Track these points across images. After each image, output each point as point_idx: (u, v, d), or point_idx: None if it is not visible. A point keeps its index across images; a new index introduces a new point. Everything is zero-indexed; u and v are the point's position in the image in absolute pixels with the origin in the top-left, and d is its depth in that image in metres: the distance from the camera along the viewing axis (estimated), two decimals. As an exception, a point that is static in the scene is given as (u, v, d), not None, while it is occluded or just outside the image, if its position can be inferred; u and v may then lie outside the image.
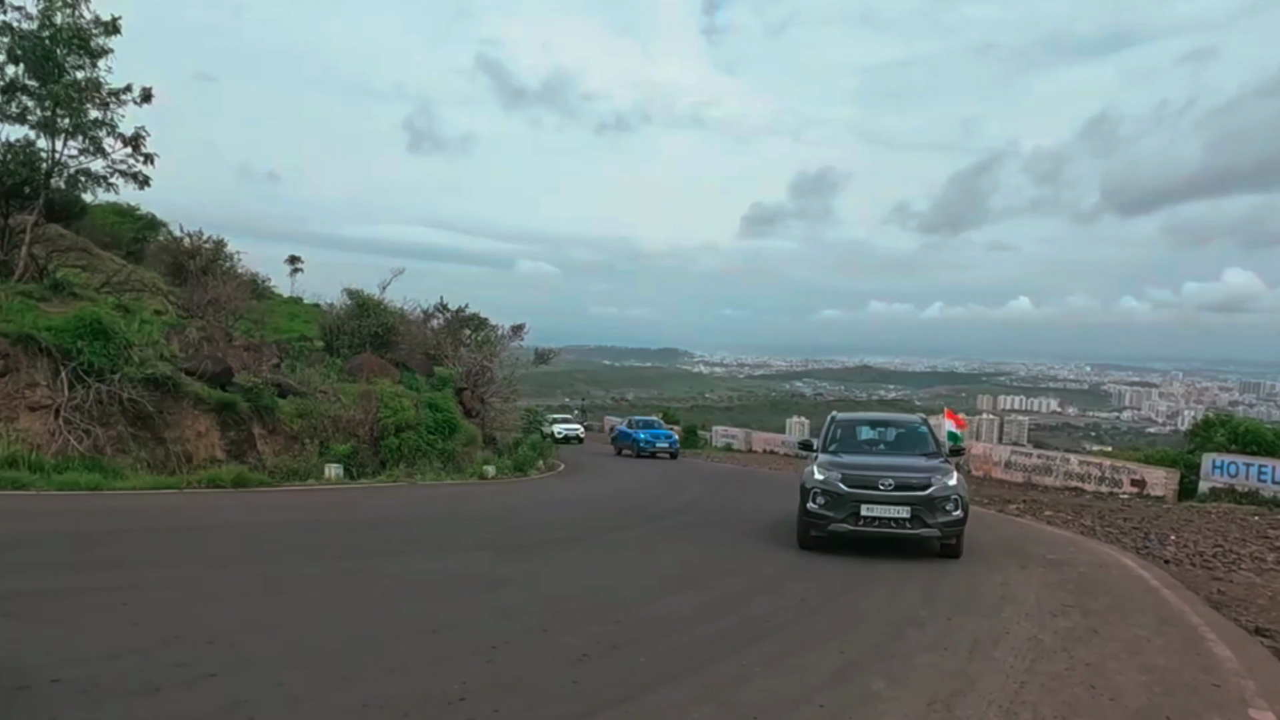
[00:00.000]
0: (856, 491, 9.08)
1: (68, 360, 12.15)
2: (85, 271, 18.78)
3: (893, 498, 8.98)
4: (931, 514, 8.90)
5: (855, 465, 9.46)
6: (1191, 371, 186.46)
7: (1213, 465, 19.64)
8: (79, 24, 14.92)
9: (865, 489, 9.07)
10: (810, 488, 9.33)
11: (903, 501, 8.94)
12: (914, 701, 4.63)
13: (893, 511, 8.93)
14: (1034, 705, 4.66)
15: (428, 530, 10.38)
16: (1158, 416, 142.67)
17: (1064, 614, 7.02)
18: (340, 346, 20.94)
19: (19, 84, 14.93)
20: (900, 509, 8.92)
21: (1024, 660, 5.54)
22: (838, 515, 9.07)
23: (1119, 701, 4.82)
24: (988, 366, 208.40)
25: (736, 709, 4.36)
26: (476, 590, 6.91)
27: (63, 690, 4.03)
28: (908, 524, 8.91)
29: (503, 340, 28.54)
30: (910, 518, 8.90)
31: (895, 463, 9.63)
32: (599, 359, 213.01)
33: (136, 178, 16.38)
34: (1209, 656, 5.91)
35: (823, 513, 9.16)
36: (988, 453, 26.31)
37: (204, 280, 20.29)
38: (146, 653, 4.65)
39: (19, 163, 15.32)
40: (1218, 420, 22.87)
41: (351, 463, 15.41)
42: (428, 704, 4.16)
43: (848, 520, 9.03)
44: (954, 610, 6.90)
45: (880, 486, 9.05)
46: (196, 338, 15.61)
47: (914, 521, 8.90)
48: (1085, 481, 22.09)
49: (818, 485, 9.26)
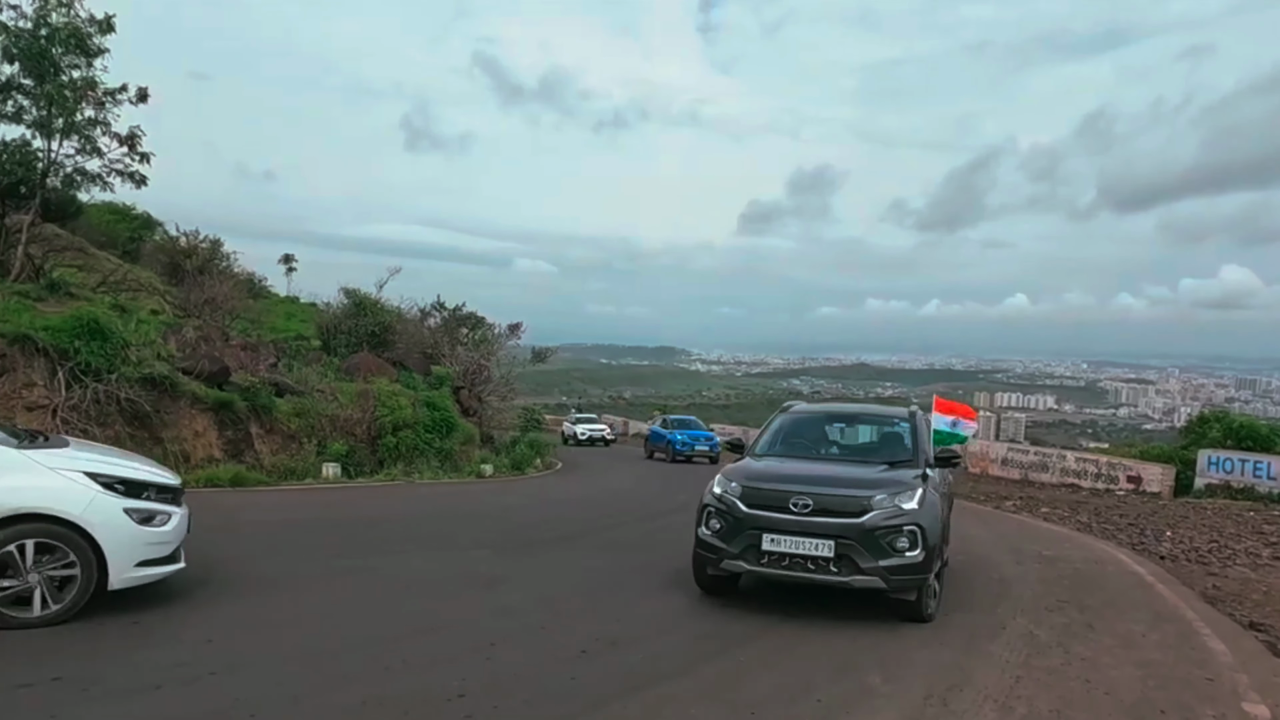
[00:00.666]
0: (758, 514, 6.16)
1: (65, 360, 12.13)
2: (82, 271, 18.75)
3: (809, 526, 5.99)
4: (869, 553, 5.88)
5: (765, 475, 6.65)
6: (1188, 368, 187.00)
7: (1208, 461, 19.72)
8: (74, 23, 14.88)
9: (770, 510, 6.14)
10: (704, 505, 6.64)
11: (824, 532, 5.96)
12: (910, 696, 4.66)
13: (808, 546, 5.95)
14: (1029, 699, 4.69)
15: (426, 529, 10.39)
16: (1154, 413, 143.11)
17: (1060, 609, 7.07)
18: (337, 346, 20.92)
19: (14, 83, 14.90)
20: (819, 543, 5.94)
21: (1020, 655, 5.58)
22: (731, 548, 6.18)
23: (1114, 695, 4.86)
24: (984, 364, 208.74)
25: (735, 703, 4.39)
26: (475, 588, 6.92)
27: (63, 688, 4.04)
28: (831, 566, 5.93)
29: (500, 339, 28.52)
30: (835, 557, 5.91)
31: (829, 473, 6.71)
32: (596, 357, 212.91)
33: (133, 177, 16.36)
34: (1203, 651, 5.96)
35: (714, 543, 6.35)
36: (985, 450, 26.39)
37: (200, 280, 20.28)
38: (145, 652, 4.66)
39: (15, 162, 15.29)
40: (1213, 417, 23.00)
41: (349, 462, 15.41)
42: (427, 702, 4.18)
43: (745, 556, 6.14)
44: (950, 606, 6.93)
45: (792, 507, 6.07)
46: (193, 337, 15.60)
47: (841, 564, 5.91)
48: (1082, 478, 22.16)
49: (711, 503, 6.54)
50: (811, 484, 6.28)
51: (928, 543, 6.02)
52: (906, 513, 6.04)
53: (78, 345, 12.22)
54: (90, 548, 5.06)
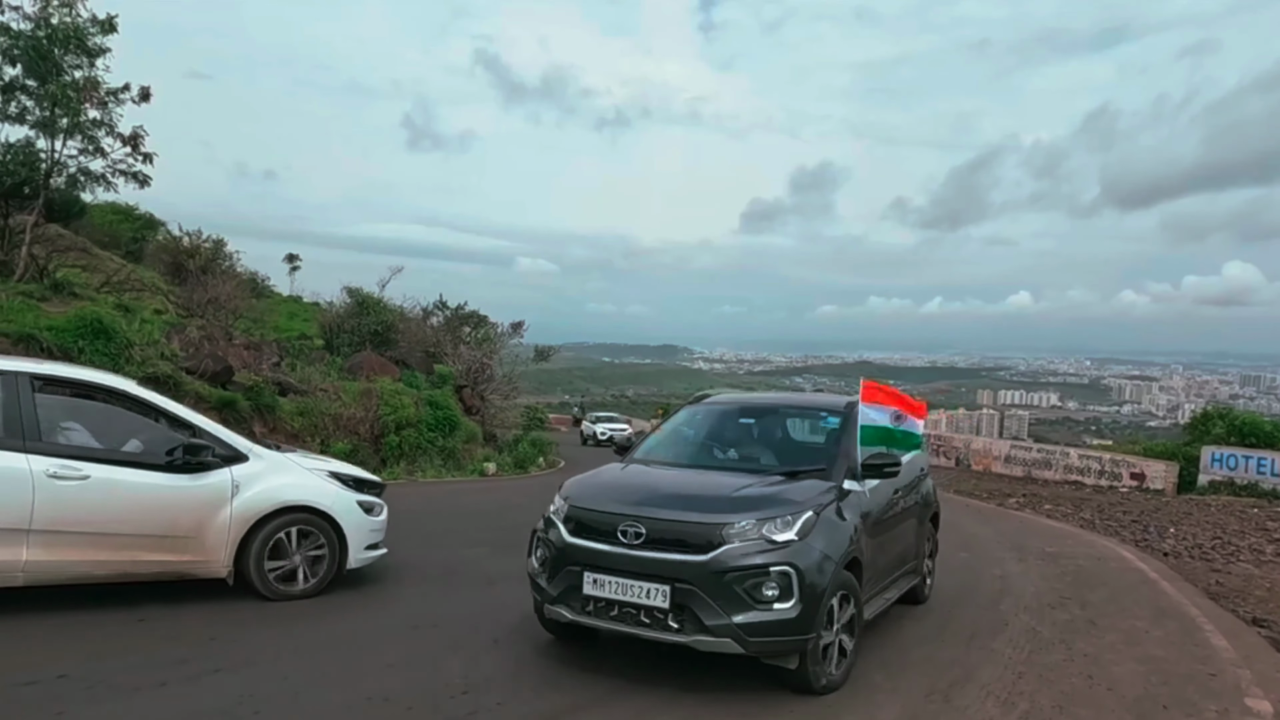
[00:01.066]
0: (580, 544, 4.65)
1: (69, 360, 12.17)
2: (85, 271, 18.80)
3: (639, 563, 4.44)
4: (716, 603, 4.26)
5: (602, 490, 5.02)
6: (1191, 365, 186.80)
7: (1212, 458, 19.69)
8: (76, 23, 14.91)
9: (595, 540, 4.61)
10: (534, 529, 5.14)
11: (656, 572, 4.39)
12: (912, 692, 4.67)
13: (637, 592, 4.39)
14: (1031, 695, 4.70)
15: (428, 526, 10.41)
16: (1158, 410, 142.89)
17: (1062, 606, 7.07)
18: (340, 345, 20.94)
19: (18, 84, 14.93)
20: (651, 589, 4.37)
21: (1022, 651, 5.58)
22: (552, 588, 4.69)
23: (1116, 691, 4.86)
24: (987, 361, 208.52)
25: (735, 698, 4.40)
26: (477, 585, 6.94)
27: (69, 685, 4.07)
28: (668, 620, 4.33)
29: (502, 338, 28.54)
30: (670, 608, 4.32)
31: (689, 487, 5.01)
32: (598, 356, 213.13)
33: (136, 177, 16.38)
34: (1206, 647, 5.96)
35: (539, 580, 4.84)
36: (988, 447, 26.40)
37: (203, 279, 20.30)
38: (150, 650, 4.69)
39: (18, 163, 15.33)
40: (1216, 413, 22.97)
41: (352, 460, 15.44)
42: (430, 698, 4.20)
43: (568, 600, 4.60)
44: (951, 603, 6.94)
45: (620, 536, 4.53)
46: (197, 337, 15.63)
47: (680, 616, 4.31)
48: (1085, 475, 22.13)
49: (540, 526, 5.07)
50: (653, 504, 4.64)
51: (807, 591, 4.29)
52: (777, 548, 4.35)
53: (82, 345, 12.27)
54: (335, 534, 6.11)
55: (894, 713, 4.36)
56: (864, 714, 4.33)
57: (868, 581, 5.13)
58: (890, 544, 5.77)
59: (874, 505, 5.38)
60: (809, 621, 4.34)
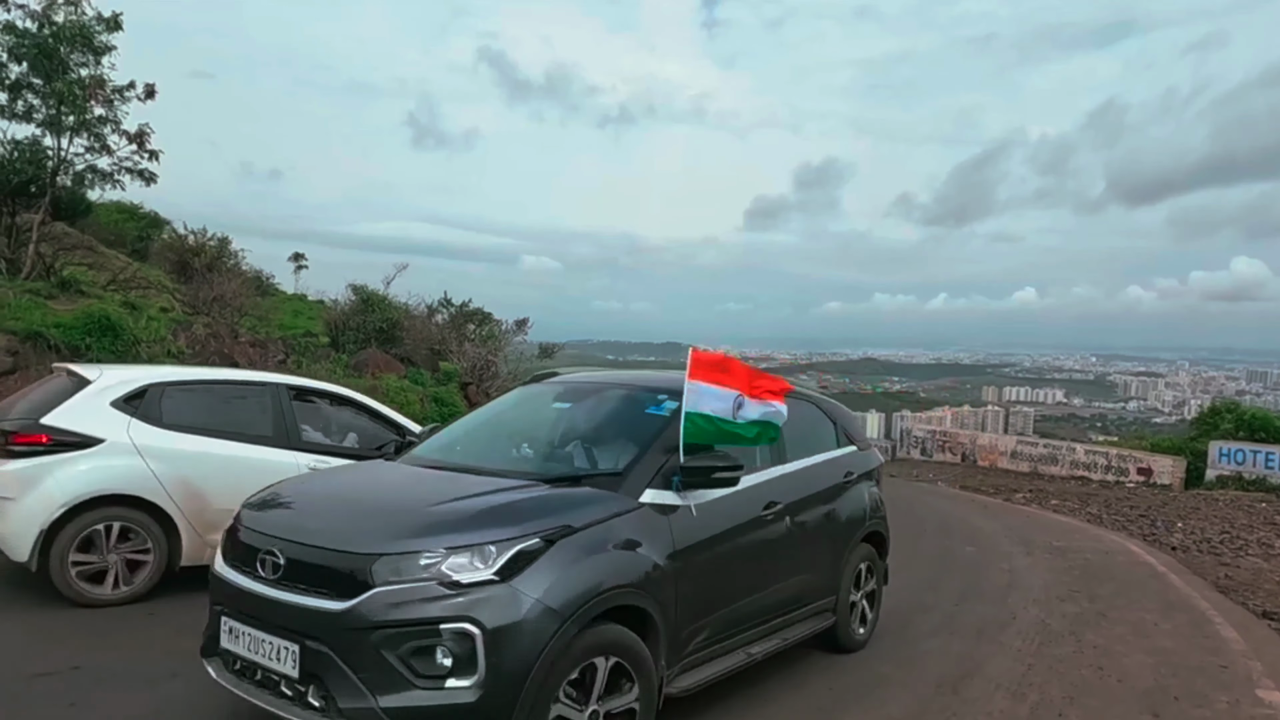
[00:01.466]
0: (222, 575, 3.49)
1: (76, 357, 12.22)
2: (91, 269, 18.84)
3: (269, 608, 3.19)
4: (357, 674, 2.89)
5: (282, 497, 3.76)
6: (1198, 361, 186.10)
7: (1220, 453, 19.65)
8: (81, 21, 14.96)
9: (237, 571, 3.42)
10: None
11: (284, 624, 3.12)
12: (922, 684, 4.67)
13: (266, 651, 3.14)
14: (1041, 687, 4.70)
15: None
16: (1164, 406, 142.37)
17: (1071, 599, 7.06)
18: (345, 342, 20.98)
19: (24, 82, 14.99)
20: (281, 647, 3.09)
21: (1031, 644, 5.58)
22: (205, 632, 3.55)
23: (1126, 682, 4.86)
24: (993, 358, 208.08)
25: (736, 692, 4.40)
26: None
27: (82, 677, 4.09)
28: (307, 695, 3.01)
29: (507, 335, 28.56)
30: (300, 677, 3.02)
31: (383, 495, 3.76)
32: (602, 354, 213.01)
33: (143, 175, 16.40)
34: (1216, 639, 5.95)
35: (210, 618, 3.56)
36: (993, 443, 26.38)
37: (209, 277, 20.33)
38: (161, 642, 4.71)
39: (25, 161, 15.37)
40: (1225, 408, 22.92)
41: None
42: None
43: (210, 652, 3.47)
44: (960, 596, 6.94)
45: (259, 566, 3.28)
46: (203, 334, 15.67)
47: (322, 691, 2.96)
48: (1092, 470, 22.09)
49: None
50: (306, 520, 3.44)
51: (500, 663, 2.89)
52: (457, 593, 2.93)
53: (89, 342, 12.32)
54: None
55: (904, 704, 4.36)
56: (874, 705, 4.33)
57: (689, 637, 3.70)
58: (756, 579, 4.22)
59: (710, 527, 3.84)
60: (501, 713, 2.88)
